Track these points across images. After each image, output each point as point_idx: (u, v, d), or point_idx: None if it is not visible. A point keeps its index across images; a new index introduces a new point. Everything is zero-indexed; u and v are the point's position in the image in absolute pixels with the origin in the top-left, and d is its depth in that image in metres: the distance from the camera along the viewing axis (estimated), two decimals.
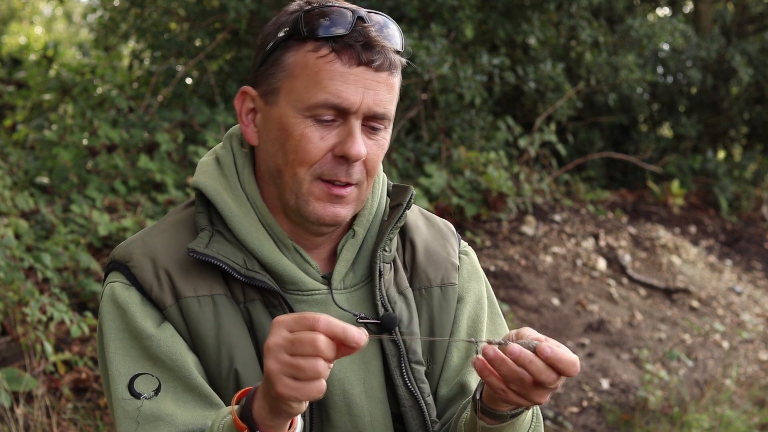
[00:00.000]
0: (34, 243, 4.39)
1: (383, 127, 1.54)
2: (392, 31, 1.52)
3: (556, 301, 5.89)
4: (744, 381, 5.55)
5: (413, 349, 1.61)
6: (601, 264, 6.66)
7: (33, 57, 8.85)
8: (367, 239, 1.64)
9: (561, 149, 7.48)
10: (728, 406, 5.04)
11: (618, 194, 8.81)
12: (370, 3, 6.44)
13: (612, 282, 6.46)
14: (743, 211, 9.13)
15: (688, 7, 10.48)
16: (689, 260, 7.32)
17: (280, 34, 1.52)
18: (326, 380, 1.26)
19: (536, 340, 1.36)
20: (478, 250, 6.11)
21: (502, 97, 8.24)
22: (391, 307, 1.60)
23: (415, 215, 1.75)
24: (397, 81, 1.54)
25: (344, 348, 1.25)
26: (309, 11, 1.49)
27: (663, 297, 6.53)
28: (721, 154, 10.33)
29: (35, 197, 5.14)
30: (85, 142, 5.74)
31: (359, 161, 1.51)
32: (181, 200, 5.29)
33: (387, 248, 1.63)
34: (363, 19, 1.49)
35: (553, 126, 8.16)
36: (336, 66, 1.47)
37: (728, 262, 7.76)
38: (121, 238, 4.65)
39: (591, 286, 6.29)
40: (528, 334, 1.38)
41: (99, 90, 6.88)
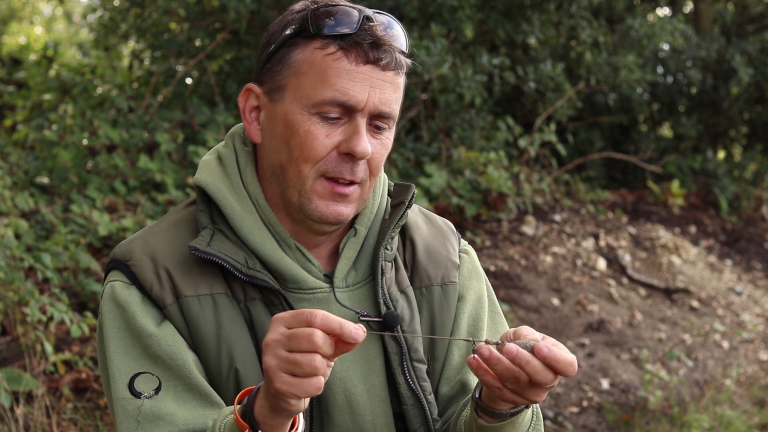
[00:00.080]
0: (34, 243, 4.39)
1: (387, 127, 1.55)
2: (397, 32, 1.53)
3: (556, 301, 5.89)
4: (744, 381, 5.55)
5: (415, 348, 1.62)
6: (601, 264, 6.66)
7: (33, 57, 8.84)
8: (369, 238, 1.64)
9: (561, 149, 7.48)
10: (728, 406, 5.04)
11: (618, 194, 8.81)
12: (370, 3, 6.44)
13: (612, 282, 6.46)
14: (743, 211, 9.13)
15: (688, 7, 10.48)
16: (689, 260, 7.32)
17: (287, 32, 1.52)
18: (328, 379, 1.26)
19: (534, 340, 1.35)
20: (478, 250, 6.11)
21: (502, 97, 8.23)
22: (393, 306, 1.60)
23: (415, 214, 1.75)
24: (402, 82, 1.55)
25: (342, 344, 1.25)
26: (316, 10, 1.50)
27: (663, 297, 6.53)
28: (721, 154, 10.33)
29: (35, 197, 5.14)
30: (85, 142, 5.74)
31: (363, 160, 1.52)
32: (181, 200, 5.28)
33: (389, 247, 1.63)
34: (370, 19, 1.50)
35: (553, 126, 8.15)
36: (343, 64, 1.48)
37: (728, 262, 7.76)
38: (121, 238, 4.64)
39: (591, 286, 6.29)
40: (526, 333, 1.38)
41: (99, 90, 6.88)
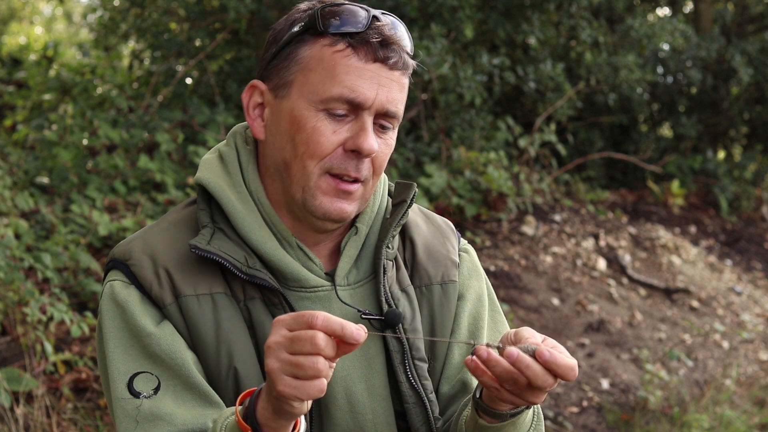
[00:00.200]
0: (34, 243, 4.39)
1: (392, 127, 1.56)
2: (403, 33, 1.55)
3: (556, 301, 5.88)
4: (744, 381, 5.55)
5: (416, 346, 1.62)
6: (601, 264, 6.66)
7: (33, 57, 8.84)
8: (370, 236, 1.65)
9: (561, 149, 7.48)
10: (728, 406, 5.04)
11: (618, 194, 8.81)
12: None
13: (612, 282, 6.46)
14: (743, 211, 9.13)
15: (688, 7, 10.48)
16: (689, 260, 7.32)
17: (295, 29, 1.53)
18: (329, 378, 1.26)
19: (535, 344, 1.35)
20: (478, 250, 6.11)
21: (502, 97, 8.24)
22: (395, 304, 1.61)
23: (415, 213, 1.76)
24: (407, 83, 1.56)
25: (344, 345, 1.25)
26: (325, 7, 1.51)
27: (663, 297, 6.53)
28: (721, 154, 10.33)
29: (35, 197, 5.14)
30: (85, 142, 5.74)
31: (368, 158, 1.52)
32: (181, 200, 5.28)
33: (390, 245, 1.64)
34: (377, 18, 1.51)
35: (553, 126, 8.15)
36: (352, 61, 1.49)
37: (728, 262, 7.76)
38: (121, 238, 4.64)
39: (591, 286, 6.29)
40: (527, 336, 1.37)
41: (99, 90, 6.88)
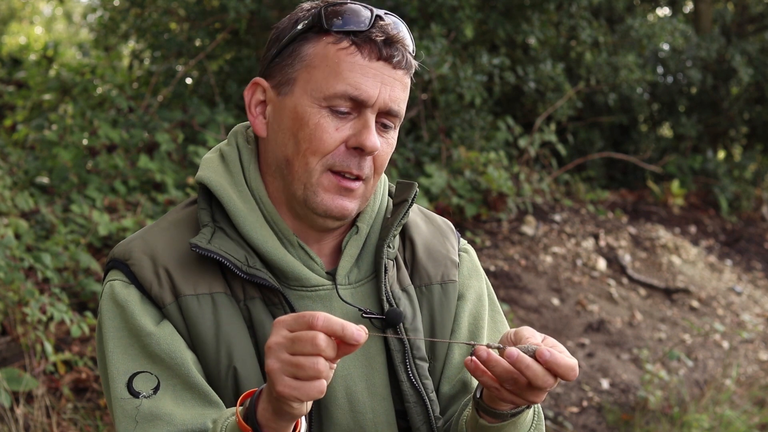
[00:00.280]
0: (34, 243, 4.39)
1: (393, 126, 1.57)
2: (405, 33, 1.56)
3: (556, 301, 5.88)
4: (744, 381, 5.55)
5: (417, 345, 1.62)
6: (601, 264, 6.66)
7: (33, 57, 8.84)
8: (371, 236, 1.65)
9: (561, 149, 7.48)
10: (728, 406, 5.04)
11: (618, 194, 8.81)
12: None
13: (612, 282, 6.46)
14: (743, 211, 9.13)
15: (688, 7, 10.48)
16: (689, 260, 7.32)
17: (299, 27, 1.54)
18: (329, 380, 1.26)
19: (535, 344, 1.35)
20: (478, 250, 6.11)
21: (502, 97, 8.23)
22: (396, 303, 1.61)
23: (415, 213, 1.76)
24: (409, 83, 1.57)
25: (345, 346, 1.25)
26: (329, 6, 1.53)
27: (663, 297, 6.53)
28: (721, 154, 10.33)
29: (35, 197, 5.14)
30: (85, 142, 5.74)
31: (370, 156, 1.53)
32: (181, 200, 5.28)
33: (391, 245, 1.64)
34: (381, 18, 1.53)
35: (553, 126, 8.15)
36: (357, 58, 1.50)
37: (728, 262, 7.76)
38: (121, 238, 4.64)
39: (591, 286, 6.29)
40: (527, 335, 1.37)
41: (99, 90, 6.88)
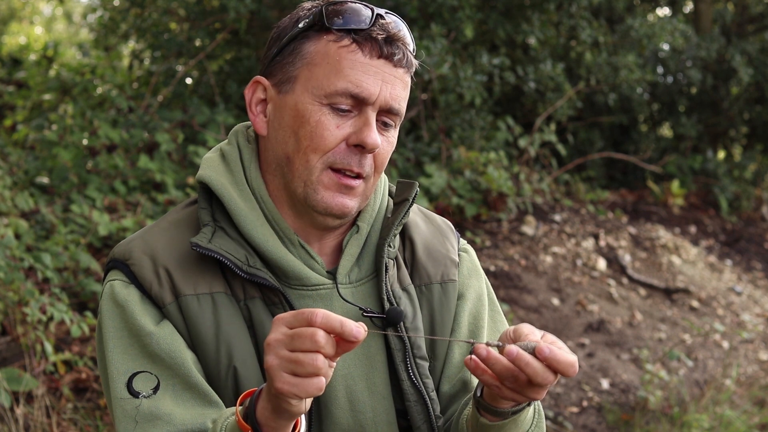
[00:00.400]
0: (34, 243, 4.39)
1: (393, 125, 1.57)
2: (406, 32, 1.57)
3: (556, 301, 5.89)
4: (744, 381, 5.55)
5: (418, 345, 1.62)
6: (601, 264, 6.66)
7: (33, 57, 8.84)
8: (371, 235, 1.65)
9: (561, 149, 7.48)
10: (728, 406, 5.04)
11: (618, 194, 8.81)
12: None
13: (612, 282, 6.46)
14: (743, 211, 9.13)
15: (688, 7, 10.48)
16: (689, 260, 7.31)
17: (300, 25, 1.54)
18: (328, 377, 1.26)
19: (534, 341, 1.35)
20: (478, 250, 6.11)
21: (502, 97, 8.24)
22: (396, 302, 1.61)
23: (415, 213, 1.76)
24: (410, 82, 1.58)
25: (344, 343, 1.25)
26: (329, 5, 1.53)
27: (663, 297, 6.53)
28: (721, 154, 10.33)
29: (35, 197, 5.14)
30: (85, 142, 5.74)
31: (371, 154, 1.53)
32: (181, 200, 5.28)
33: (391, 244, 1.64)
34: (382, 16, 1.54)
35: (553, 126, 8.15)
36: (358, 56, 1.50)
37: (728, 262, 7.76)
38: (121, 238, 4.64)
39: (591, 286, 6.29)
40: (526, 332, 1.37)
41: (99, 90, 6.88)
